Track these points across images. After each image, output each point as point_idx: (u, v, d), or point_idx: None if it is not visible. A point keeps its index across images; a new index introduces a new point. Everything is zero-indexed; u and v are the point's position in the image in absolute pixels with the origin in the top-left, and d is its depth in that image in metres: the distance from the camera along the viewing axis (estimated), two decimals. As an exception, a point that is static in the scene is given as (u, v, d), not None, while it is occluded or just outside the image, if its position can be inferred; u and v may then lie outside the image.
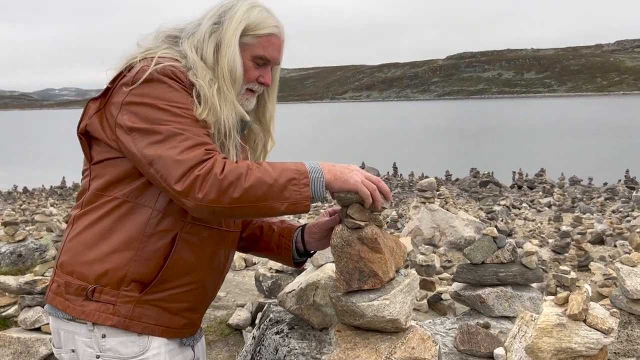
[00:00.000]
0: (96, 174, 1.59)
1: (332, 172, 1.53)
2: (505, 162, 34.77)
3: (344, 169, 1.56)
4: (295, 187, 1.45)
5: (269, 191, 1.42)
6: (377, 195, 1.58)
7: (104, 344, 1.55)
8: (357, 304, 1.66)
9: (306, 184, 1.47)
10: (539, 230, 14.93)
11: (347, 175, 1.54)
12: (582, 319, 1.43)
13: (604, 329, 1.42)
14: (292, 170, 1.47)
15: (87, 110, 1.60)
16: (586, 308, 1.43)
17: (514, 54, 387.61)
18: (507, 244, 2.57)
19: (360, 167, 5.37)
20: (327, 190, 1.56)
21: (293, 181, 1.45)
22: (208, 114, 1.53)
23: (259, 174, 1.43)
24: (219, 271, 1.75)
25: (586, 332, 1.42)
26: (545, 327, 1.45)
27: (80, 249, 1.57)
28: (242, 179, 1.40)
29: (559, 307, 1.48)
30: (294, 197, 1.45)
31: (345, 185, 1.54)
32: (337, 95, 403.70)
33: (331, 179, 1.52)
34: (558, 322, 1.44)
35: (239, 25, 1.61)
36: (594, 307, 1.47)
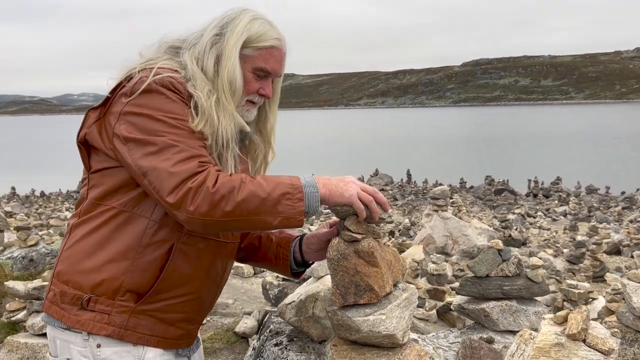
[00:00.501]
0: (94, 183, 1.60)
1: (327, 187, 1.52)
2: (520, 170, 34.44)
3: (339, 182, 1.55)
4: (289, 201, 1.44)
5: (262, 205, 1.41)
6: (373, 207, 1.57)
7: (99, 354, 1.55)
8: (352, 318, 1.64)
9: (300, 198, 1.45)
10: (553, 240, 14.73)
11: (342, 189, 1.53)
12: (581, 339, 1.39)
13: (604, 350, 1.37)
14: (286, 185, 1.46)
15: (87, 119, 1.61)
16: (586, 327, 1.39)
17: (530, 60, 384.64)
18: (512, 257, 2.52)
19: (374, 174, 5.34)
20: (322, 204, 1.55)
21: (287, 195, 1.44)
22: (205, 125, 1.53)
23: (252, 188, 1.42)
24: (216, 282, 1.74)
25: (585, 352, 1.38)
26: (543, 346, 1.41)
27: (76, 258, 1.57)
28: (235, 193, 1.39)
29: (557, 326, 1.44)
30: (288, 211, 1.44)
31: (340, 199, 1.53)
32: (351, 101, 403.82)
33: (326, 194, 1.51)
34: (556, 342, 1.40)
35: (240, 37, 1.61)
36: (595, 326, 1.43)
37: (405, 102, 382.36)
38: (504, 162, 43.29)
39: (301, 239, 1.95)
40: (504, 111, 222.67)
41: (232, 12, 1.67)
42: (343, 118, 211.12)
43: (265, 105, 1.82)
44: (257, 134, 1.85)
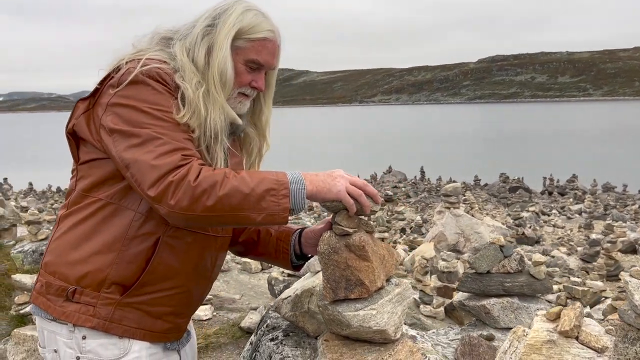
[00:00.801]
0: (82, 175, 1.59)
1: (314, 183, 1.49)
2: (536, 168, 34.05)
3: (327, 177, 1.52)
4: (273, 197, 1.41)
5: (245, 201, 1.39)
6: (363, 201, 1.54)
7: (84, 346, 1.54)
8: (343, 313, 1.62)
9: (285, 195, 1.43)
10: (568, 238, 14.55)
11: (330, 185, 1.50)
12: (574, 336, 1.35)
13: (598, 347, 1.33)
14: (271, 181, 1.43)
15: (76, 110, 1.60)
16: (579, 324, 1.35)
17: (547, 57, 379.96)
18: (514, 253, 2.47)
19: (387, 171, 5.28)
20: (310, 201, 1.53)
21: (271, 192, 1.41)
22: (191, 117, 1.51)
23: (236, 183, 1.39)
24: (205, 277, 1.72)
25: (578, 350, 1.34)
26: (535, 343, 1.37)
27: (63, 250, 1.57)
28: (217, 187, 1.37)
29: (550, 323, 1.40)
30: (272, 208, 1.41)
31: (328, 195, 1.50)
32: (366, 98, 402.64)
33: (313, 190, 1.49)
34: (548, 339, 1.36)
35: (232, 29, 1.58)
36: (589, 323, 1.39)
37: (420, 98, 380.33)
38: (519, 160, 42.85)
39: (301, 232, 1.93)
40: (520, 108, 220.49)
41: (225, 3, 1.64)
42: (357, 115, 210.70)
43: (260, 98, 1.80)
44: (252, 127, 1.82)
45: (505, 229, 13.35)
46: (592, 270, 9.65)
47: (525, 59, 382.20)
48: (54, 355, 1.59)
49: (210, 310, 5.11)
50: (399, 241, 13.77)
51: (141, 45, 1.65)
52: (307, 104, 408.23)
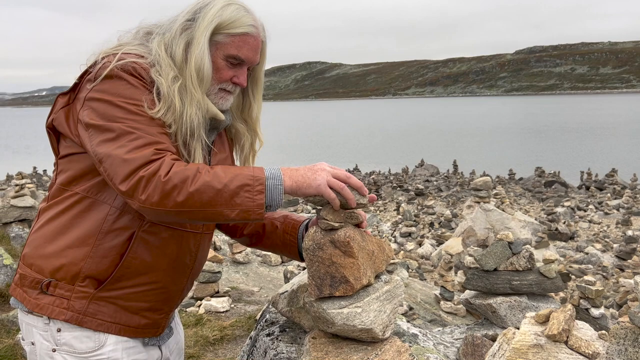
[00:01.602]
0: (61, 169, 1.59)
1: (293, 179, 1.44)
2: (573, 162, 33.16)
3: (308, 171, 1.46)
4: (248, 193, 1.37)
5: (217, 196, 1.35)
6: (346, 194, 1.48)
7: (59, 338, 1.54)
8: (327, 310, 1.57)
9: (261, 190, 1.38)
10: (603, 234, 14.10)
11: (310, 179, 1.45)
12: (562, 340, 1.26)
13: (588, 353, 1.24)
14: (246, 176, 1.39)
15: (56, 104, 1.59)
16: (568, 328, 1.26)
17: (588, 47, 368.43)
18: (523, 250, 2.36)
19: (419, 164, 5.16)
20: (292, 196, 1.48)
21: (246, 187, 1.37)
22: (166, 113, 1.48)
23: (208, 178, 1.35)
24: (183, 273, 1.69)
25: (566, 355, 1.25)
26: (520, 347, 1.29)
27: (40, 242, 1.57)
28: (188, 183, 1.34)
29: (539, 326, 1.31)
30: (246, 204, 1.36)
31: (309, 189, 1.45)
32: (399, 91, 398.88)
33: (292, 186, 1.44)
34: (535, 343, 1.28)
35: (210, 23, 1.55)
36: (581, 327, 1.30)
37: (455, 91, 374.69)
38: (556, 154, 41.77)
39: (308, 223, 1.89)
40: (559, 100, 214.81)
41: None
42: (390, 108, 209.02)
43: (249, 94, 1.77)
44: (242, 123, 1.80)
45: (538, 224, 13.02)
46: (627, 267, 9.31)
47: (564, 50, 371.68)
48: (32, 348, 1.60)
49: (228, 303, 5.13)
50: (427, 235, 13.60)
51: (124, 39, 1.63)
52: (340, 97, 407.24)
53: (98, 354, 1.56)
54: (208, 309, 4.94)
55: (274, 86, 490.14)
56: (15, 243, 6.71)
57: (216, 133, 1.71)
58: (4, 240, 6.55)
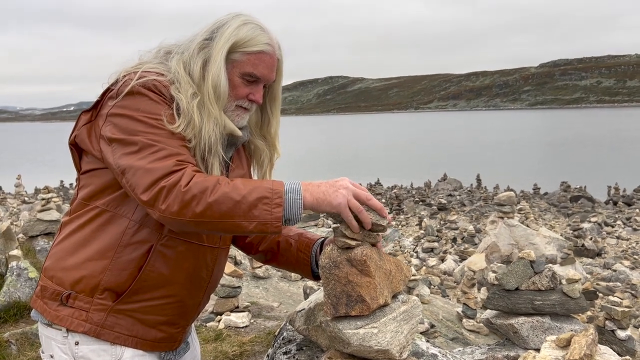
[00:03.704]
0: (83, 184, 1.63)
1: (313, 195, 1.44)
2: (600, 176, 32.51)
3: (329, 188, 1.45)
4: (266, 206, 1.37)
5: (236, 208, 1.36)
6: (364, 217, 1.47)
7: (77, 352, 1.56)
8: (342, 330, 1.55)
9: (279, 204, 1.38)
10: (632, 251, 13.76)
11: (330, 197, 1.44)
12: (585, 367, 1.23)
13: (612, 380, 1.20)
14: (265, 189, 1.39)
15: (78, 121, 1.64)
16: (590, 353, 1.22)
17: (615, 60, 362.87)
18: (545, 269, 2.31)
19: (442, 178, 5.11)
20: (311, 211, 1.48)
21: (264, 200, 1.37)
22: (186, 128, 1.51)
23: (227, 190, 1.37)
24: (200, 287, 1.71)
25: (589, 382, 1.22)
26: (541, 372, 1.26)
27: (61, 255, 1.60)
28: (207, 193, 1.35)
29: (560, 350, 1.28)
30: (264, 216, 1.37)
31: (328, 207, 1.45)
32: (421, 104, 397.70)
33: (312, 202, 1.43)
34: (556, 368, 1.24)
35: (226, 42, 1.58)
36: (604, 352, 1.25)
37: (478, 104, 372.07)
38: (582, 168, 41.06)
39: (323, 242, 1.89)
40: (584, 114, 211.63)
41: (224, 17, 1.65)
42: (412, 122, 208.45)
43: (267, 110, 1.80)
44: (261, 139, 1.83)
45: (563, 240, 12.76)
46: (657, 286, 9.05)
47: (590, 63, 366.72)
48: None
49: (248, 318, 5.12)
50: (450, 251, 13.45)
51: (145, 58, 1.68)
52: (362, 111, 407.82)
53: None
54: (228, 324, 4.94)
55: (296, 101, 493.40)
56: (40, 256, 6.83)
57: (234, 149, 1.73)
58: (29, 253, 6.67)
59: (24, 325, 5.00)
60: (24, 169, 26.56)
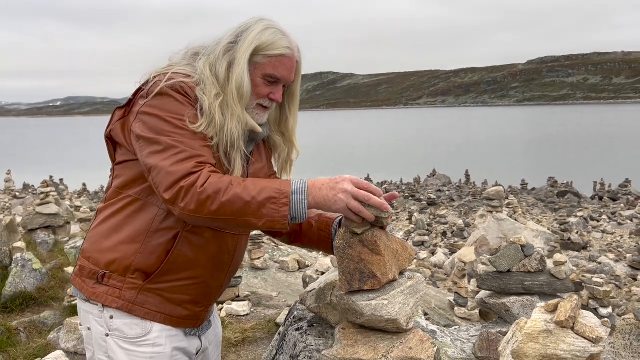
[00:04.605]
0: (117, 174, 1.80)
1: (316, 199, 1.57)
2: (586, 172, 32.99)
3: (329, 192, 1.56)
4: (274, 205, 1.52)
5: (246, 207, 1.51)
6: (365, 215, 1.59)
7: (112, 325, 1.73)
8: (356, 302, 1.73)
9: (285, 203, 1.53)
10: (617, 244, 14.11)
11: (330, 202, 1.56)
12: (569, 327, 1.42)
13: (592, 338, 1.40)
14: (272, 189, 1.54)
15: (113, 117, 1.80)
16: (574, 316, 1.42)
17: (601, 57, 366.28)
18: (534, 253, 2.52)
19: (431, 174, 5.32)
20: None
21: (272, 200, 1.53)
22: (208, 127, 1.66)
23: (238, 191, 1.52)
24: (223, 270, 1.87)
25: (573, 339, 1.41)
26: (532, 332, 1.45)
27: (97, 238, 1.78)
28: (220, 194, 1.51)
29: (548, 314, 1.48)
30: (272, 215, 1.52)
31: (329, 211, 1.60)
32: (411, 101, 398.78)
33: (315, 204, 1.58)
34: (545, 329, 1.44)
35: (250, 46, 1.73)
36: (586, 315, 1.45)
37: (466, 101, 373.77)
38: (568, 164, 41.59)
39: (341, 220, 2.05)
40: (571, 110, 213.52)
41: (248, 22, 1.80)
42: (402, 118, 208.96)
43: (285, 108, 1.94)
44: (279, 136, 1.98)
45: (550, 233, 13.05)
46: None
47: (577, 60, 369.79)
48: (88, 333, 1.81)
49: (248, 307, 5.30)
50: (440, 245, 13.70)
51: (175, 59, 1.83)
52: (351, 107, 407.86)
53: (145, 339, 1.74)
54: (229, 312, 5.11)
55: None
56: (41, 249, 6.95)
57: (254, 144, 1.89)
58: (30, 246, 6.78)
59: (30, 315, 5.15)
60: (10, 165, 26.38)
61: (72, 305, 4.88)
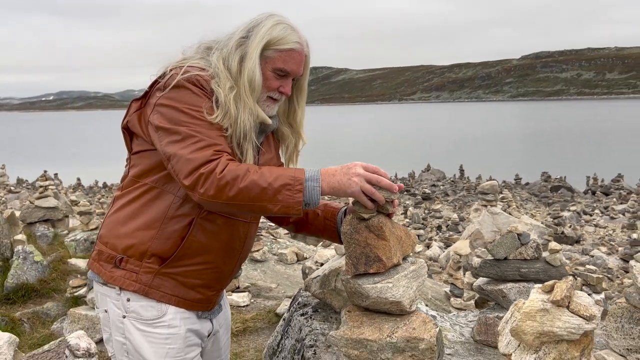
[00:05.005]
0: (134, 163, 1.86)
1: (330, 184, 1.65)
2: (579, 167, 33.26)
3: (343, 176, 1.66)
4: (289, 192, 1.60)
5: (263, 193, 1.59)
6: (378, 197, 1.69)
7: (128, 307, 1.81)
8: (362, 285, 1.81)
9: (300, 190, 1.60)
10: (609, 238, 14.28)
11: (344, 186, 1.65)
12: (565, 305, 1.51)
13: (586, 316, 1.49)
14: (287, 177, 1.62)
15: (130, 108, 1.86)
16: (569, 295, 1.51)
17: (595, 53, 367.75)
18: (530, 241, 2.61)
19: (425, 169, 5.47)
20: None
21: (287, 186, 1.60)
22: (223, 118, 1.73)
23: (255, 177, 1.59)
24: (234, 257, 1.95)
25: (568, 317, 1.50)
26: (530, 311, 1.54)
27: (114, 225, 1.85)
28: (238, 180, 1.58)
29: (545, 294, 1.57)
30: (287, 201, 1.60)
31: (343, 195, 1.67)
32: (405, 96, 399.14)
33: (329, 190, 1.65)
34: (542, 307, 1.53)
35: (261, 40, 1.80)
36: (580, 295, 1.54)
37: (461, 96, 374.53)
38: (562, 159, 41.88)
39: (346, 209, 2.12)
40: (565, 105, 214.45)
41: (259, 17, 1.87)
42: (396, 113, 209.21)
43: (293, 101, 2.02)
44: (287, 127, 2.05)
45: (544, 227, 13.19)
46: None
47: (571, 55, 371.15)
48: (105, 315, 1.88)
49: (248, 298, 5.39)
50: (435, 238, 13.83)
51: (188, 53, 1.90)
52: (345, 102, 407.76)
53: (160, 321, 1.82)
54: (230, 303, 5.20)
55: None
56: (41, 242, 6.99)
57: (264, 136, 1.97)
58: (30, 239, 6.83)
59: (33, 306, 5.21)
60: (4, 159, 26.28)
61: (75, 297, 4.95)
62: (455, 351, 2.30)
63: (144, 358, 1.82)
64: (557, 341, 1.53)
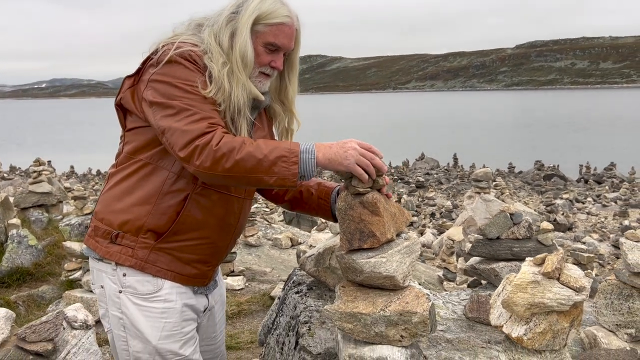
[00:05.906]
0: (128, 140, 1.87)
1: (326, 156, 1.67)
2: (572, 156, 33.44)
3: (340, 149, 1.69)
4: (284, 164, 1.62)
5: (258, 165, 1.60)
6: (371, 170, 1.72)
7: (125, 282, 1.83)
8: (356, 260, 1.84)
9: (295, 162, 1.62)
10: (601, 225, 14.40)
11: (341, 157, 1.68)
12: (555, 277, 1.54)
13: (576, 287, 1.52)
14: (283, 149, 1.63)
15: (123, 85, 1.87)
16: (560, 267, 1.54)
17: (589, 42, 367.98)
18: (522, 221, 2.64)
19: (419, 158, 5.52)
20: (323, 169, 1.73)
21: (283, 158, 1.62)
22: (217, 93, 1.74)
23: (251, 149, 1.61)
24: (228, 231, 1.97)
25: (558, 289, 1.53)
26: (521, 283, 1.57)
27: (109, 201, 1.86)
28: (234, 152, 1.59)
29: (536, 267, 1.60)
30: (282, 172, 1.62)
31: (339, 167, 1.69)
32: (399, 85, 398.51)
33: (325, 162, 1.67)
34: (533, 280, 1.56)
35: (251, 15, 1.80)
36: (570, 268, 1.57)
37: (455, 85, 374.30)
38: (555, 148, 42.06)
39: (338, 189, 2.14)
40: (559, 95, 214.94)
41: None
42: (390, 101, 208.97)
43: (285, 77, 2.02)
44: (279, 104, 2.05)
45: (536, 214, 13.31)
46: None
47: (565, 44, 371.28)
48: (101, 291, 1.89)
49: (243, 281, 5.42)
50: (428, 225, 13.90)
51: (179, 30, 1.90)
52: (340, 90, 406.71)
53: (156, 295, 1.84)
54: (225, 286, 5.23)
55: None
56: (35, 227, 6.99)
57: (257, 112, 1.98)
58: (24, 223, 6.82)
59: (28, 289, 5.22)
60: (-2, 146, 26.16)
61: (70, 280, 4.96)
62: (447, 327, 2.33)
63: (141, 332, 1.84)
64: (547, 312, 1.56)
